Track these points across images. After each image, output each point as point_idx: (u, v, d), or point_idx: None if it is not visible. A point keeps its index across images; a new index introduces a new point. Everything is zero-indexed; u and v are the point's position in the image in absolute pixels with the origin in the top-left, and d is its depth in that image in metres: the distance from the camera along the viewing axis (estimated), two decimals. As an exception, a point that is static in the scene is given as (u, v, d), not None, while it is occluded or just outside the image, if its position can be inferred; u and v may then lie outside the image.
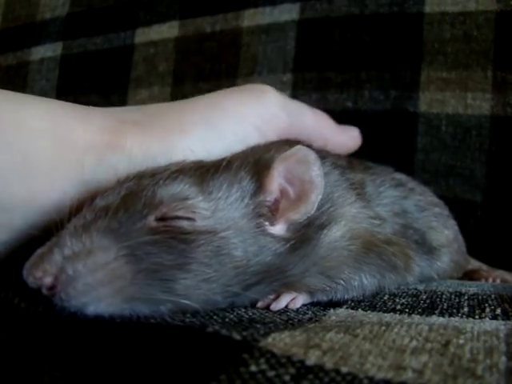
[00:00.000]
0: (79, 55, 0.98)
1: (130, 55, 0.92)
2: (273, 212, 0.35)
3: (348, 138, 0.50)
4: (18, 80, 1.04)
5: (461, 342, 0.26)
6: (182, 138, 0.38)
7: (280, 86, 0.77)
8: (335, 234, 0.37)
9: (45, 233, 0.32)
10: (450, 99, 0.68)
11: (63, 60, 0.99)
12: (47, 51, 1.01)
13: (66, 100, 0.39)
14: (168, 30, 0.89)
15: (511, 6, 0.66)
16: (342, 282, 0.37)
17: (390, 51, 0.72)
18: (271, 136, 0.42)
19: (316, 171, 0.34)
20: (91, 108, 0.39)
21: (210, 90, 0.45)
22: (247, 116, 0.41)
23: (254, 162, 0.36)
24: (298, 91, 0.76)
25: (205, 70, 0.84)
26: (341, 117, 0.73)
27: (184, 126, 0.38)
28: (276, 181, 0.35)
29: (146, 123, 0.38)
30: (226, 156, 0.38)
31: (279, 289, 0.35)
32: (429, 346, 0.25)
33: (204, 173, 0.35)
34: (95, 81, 0.95)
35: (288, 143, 0.41)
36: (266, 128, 0.42)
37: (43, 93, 0.97)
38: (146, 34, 0.91)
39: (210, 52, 0.84)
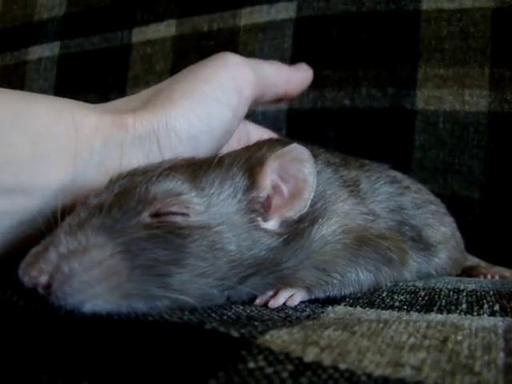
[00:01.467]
0: (77, 55, 0.98)
1: (128, 54, 0.92)
2: (266, 208, 0.35)
3: (304, 73, 0.54)
4: (15, 80, 1.04)
5: (459, 338, 0.26)
6: (174, 108, 0.41)
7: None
8: (327, 229, 0.37)
9: (39, 231, 0.32)
10: (447, 96, 0.68)
11: (61, 60, 0.99)
12: (45, 51, 1.01)
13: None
14: (165, 29, 0.89)
15: (507, 3, 0.66)
16: (338, 275, 0.37)
17: (387, 49, 0.72)
18: (246, 93, 0.45)
19: (309, 169, 0.35)
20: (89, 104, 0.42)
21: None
22: (225, 80, 0.44)
23: (246, 159, 0.37)
24: (295, 89, 0.76)
25: (202, 68, 0.84)
26: (338, 114, 0.74)
27: (173, 100, 0.42)
28: (269, 177, 0.35)
29: (143, 104, 0.42)
30: (218, 154, 0.39)
31: (275, 282, 0.35)
32: (427, 342, 0.25)
33: (196, 169, 0.35)
34: (93, 80, 0.95)
35: (280, 142, 0.41)
36: (241, 85, 0.45)
37: (41, 92, 0.96)
38: (143, 33, 0.91)
39: (208, 51, 0.84)
